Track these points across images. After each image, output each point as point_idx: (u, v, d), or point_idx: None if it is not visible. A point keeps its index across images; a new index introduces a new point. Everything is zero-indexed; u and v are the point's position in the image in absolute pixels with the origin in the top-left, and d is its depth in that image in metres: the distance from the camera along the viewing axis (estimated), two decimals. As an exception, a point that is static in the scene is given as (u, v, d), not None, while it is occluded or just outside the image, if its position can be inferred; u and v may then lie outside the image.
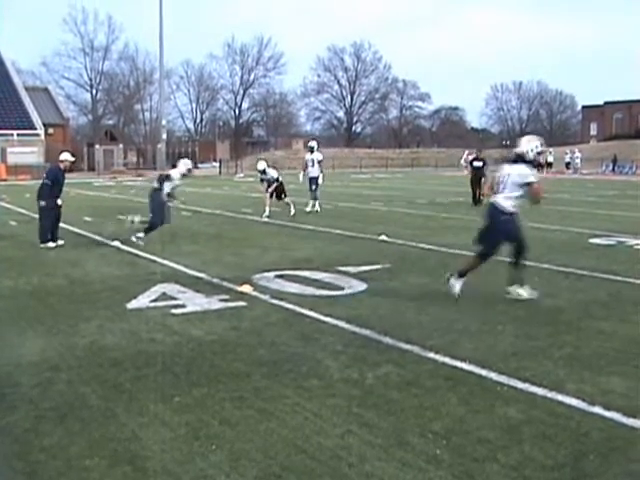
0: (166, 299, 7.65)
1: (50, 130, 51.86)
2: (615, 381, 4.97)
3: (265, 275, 9.01)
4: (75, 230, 14.21)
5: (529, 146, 7.55)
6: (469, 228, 14.79)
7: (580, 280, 8.78)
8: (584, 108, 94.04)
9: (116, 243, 12.11)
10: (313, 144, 19.51)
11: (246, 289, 8.10)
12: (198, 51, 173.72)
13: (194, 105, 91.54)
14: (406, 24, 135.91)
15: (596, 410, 4.42)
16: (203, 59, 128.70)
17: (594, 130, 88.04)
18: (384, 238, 12.63)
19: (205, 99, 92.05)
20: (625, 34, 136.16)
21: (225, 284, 8.49)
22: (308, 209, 18.21)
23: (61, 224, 12.58)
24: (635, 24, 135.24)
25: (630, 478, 3.59)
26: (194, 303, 7.45)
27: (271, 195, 17.16)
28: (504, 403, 4.55)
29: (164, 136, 56.92)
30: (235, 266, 9.87)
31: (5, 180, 40.66)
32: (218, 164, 58.00)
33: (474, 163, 21.41)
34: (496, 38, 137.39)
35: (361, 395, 4.71)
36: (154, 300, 7.61)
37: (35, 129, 49.27)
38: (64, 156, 12.49)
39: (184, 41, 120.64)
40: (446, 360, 5.44)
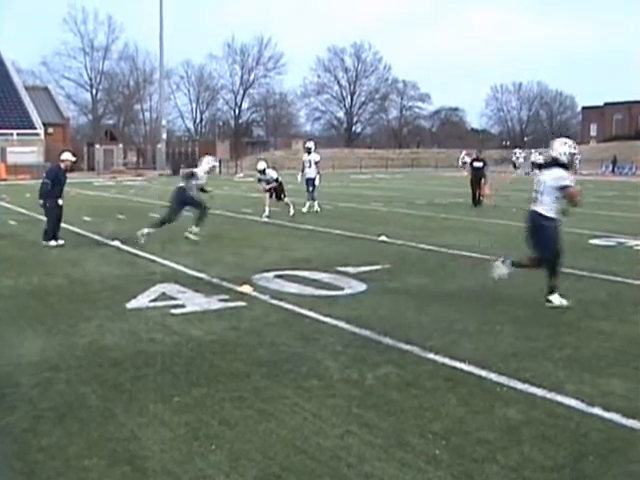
0: (166, 299, 7.65)
1: (50, 130, 51.82)
2: (615, 382, 4.96)
3: (265, 275, 9.01)
4: (75, 230, 14.20)
5: (562, 149, 7.39)
6: (468, 229, 14.83)
7: (580, 281, 8.78)
8: (584, 109, 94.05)
9: (116, 243, 12.11)
10: (310, 145, 19.44)
11: (246, 289, 8.10)
12: (198, 51, 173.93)
13: (194, 105, 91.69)
14: (406, 24, 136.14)
15: (596, 411, 4.42)
16: (203, 59, 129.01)
17: (594, 131, 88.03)
18: (384, 239, 12.63)
19: (205, 99, 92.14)
20: (625, 35, 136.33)
21: (225, 284, 8.48)
22: (305, 210, 18.23)
23: (61, 224, 12.59)
24: (635, 25, 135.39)
25: (630, 479, 3.59)
26: (194, 303, 7.45)
27: (270, 195, 17.16)
28: (504, 404, 4.55)
29: (164, 136, 57.14)
30: (235, 266, 9.86)
31: (5, 180, 40.62)
32: (218, 164, 58.00)
33: (474, 164, 21.30)
34: (496, 38, 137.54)
35: (361, 395, 4.71)
36: (154, 300, 7.61)
37: (35, 129, 49.25)
38: (65, 156, 12.49)
39: (184, 41, 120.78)
40: (446, 361, 5.44)
